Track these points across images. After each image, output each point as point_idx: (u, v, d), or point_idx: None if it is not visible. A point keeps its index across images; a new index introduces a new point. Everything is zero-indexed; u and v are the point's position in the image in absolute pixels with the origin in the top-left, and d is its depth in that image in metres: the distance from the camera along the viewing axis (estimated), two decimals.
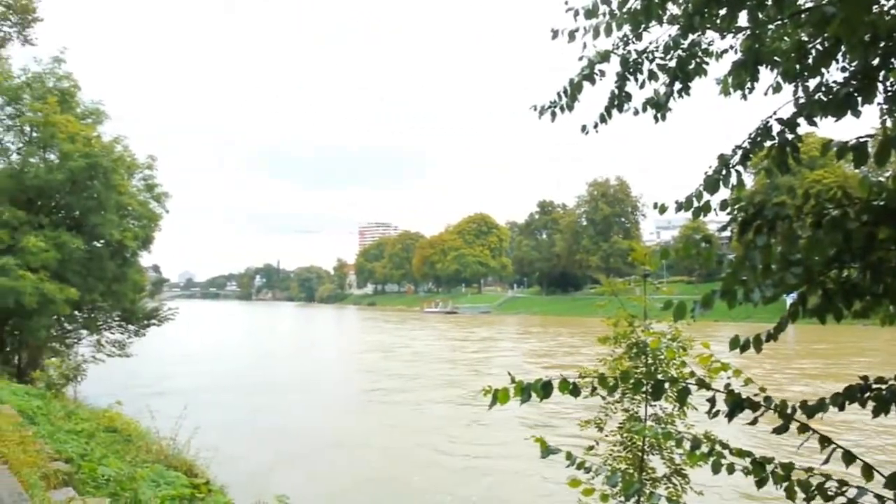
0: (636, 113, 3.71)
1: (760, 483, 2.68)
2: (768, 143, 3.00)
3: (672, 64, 3.50)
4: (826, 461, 2.64)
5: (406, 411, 23.60)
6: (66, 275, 20.48)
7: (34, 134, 21.56)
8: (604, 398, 5.65)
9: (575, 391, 2.88)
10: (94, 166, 20.87)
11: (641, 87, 3.61)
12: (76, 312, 23.95)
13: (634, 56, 3.56)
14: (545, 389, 2.76)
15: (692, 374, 3.32)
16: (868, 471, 2.59)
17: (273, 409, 24.02)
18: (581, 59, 3.59)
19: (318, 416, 23.16)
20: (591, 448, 5.89)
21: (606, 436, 6.26)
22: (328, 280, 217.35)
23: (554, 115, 3.72)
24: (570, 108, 3.69)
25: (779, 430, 2.70)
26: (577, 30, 3.47)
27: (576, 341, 48.91)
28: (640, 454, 5.97)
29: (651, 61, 3.54)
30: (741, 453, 2.82)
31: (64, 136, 20.57)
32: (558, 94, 3.67)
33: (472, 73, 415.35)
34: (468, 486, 14.43)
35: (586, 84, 3.61)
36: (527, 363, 36.50)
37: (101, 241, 22.45)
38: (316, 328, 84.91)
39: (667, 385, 3.40)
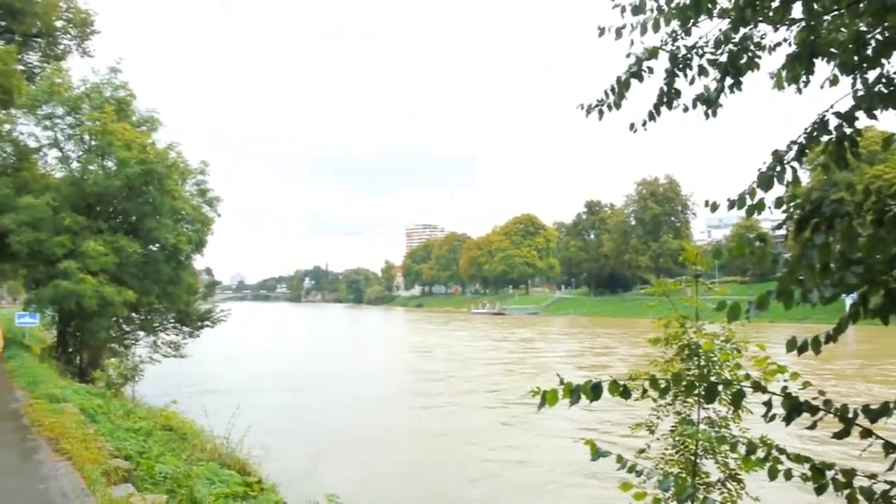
0: (686, 110, 3.63)
1: (820, 490, 2.59)
2: (825, 138, 2.91)
3: (723, 59, 3.42)
4: (890, 468, 2.53)
5: (440, 412, 24.09)
6: (123, 278, 21.11)
7: (93, 142, 22.29)
8: (655, 400, 5.55)
9: (625, 393, 2.84)
10: (150, 172, 21.45)
11: (691, 83, 3.53)
12: (133, 314, 24.71)
13: (683, 52, 3.49)
14: (595, 391, 2.73)
15: (747, 376, 3.23)
16: None
17: (317, 407, 24.58)
18: (628, 56, 3.53)
19: (359, 415, 23.64)
20: (642, 451, 5.80)
21: (658, 438, 6.15)
22: (376, 282, 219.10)
23: (601, 113, 3.67)
24: (618, 105, 3.64)
25: (839, 435, 2.61)
26: (623, 27, 3.42)
27: (612, 342, 48.79)
28: (692, 458, 5.85)
29: (701, 56, 3.46)
30: (799, 458, 2.73)
31: (120, 144, 21.21)
32: (605, 93, 3.63)
33: (519, 71, 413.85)
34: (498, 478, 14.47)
35: (634, 81, 3.55)
36: (560, 363, 36.49)
37: (157, 245, 23.08)
38: (362, 329, 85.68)
39: (720, 388, 3.32)
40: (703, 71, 3.48)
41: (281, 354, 45.87)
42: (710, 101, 3.52)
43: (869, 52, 2.87)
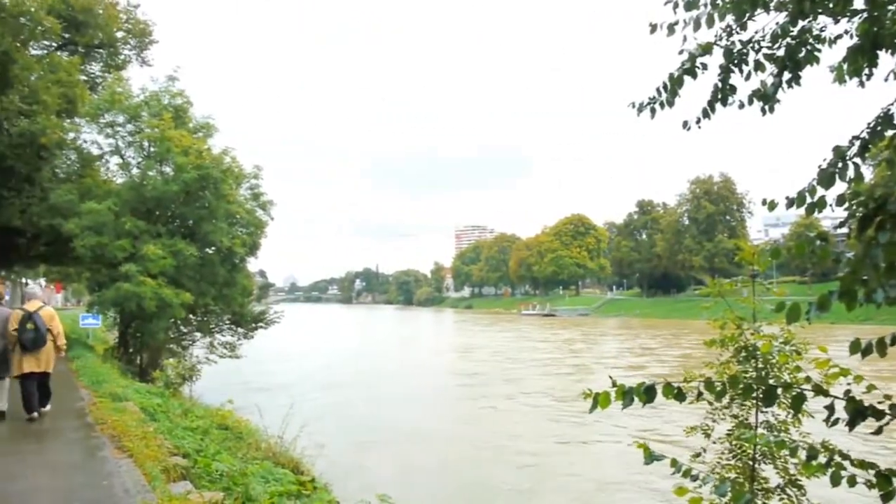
0: (741, 106, 3.55)
1: (886, 497, 2.50)
2: (889, 133, 2.80)
3: (780, 53, 3.32)
4: None
5: (489, 410, 24.40)
6: (181, 280, 21.62)
7: (152, 149, 22.96)
8: (710, 403, 5.43)
9: (679, 396, 2.79)
10: (206, 177, 21.92)
11: (747, 78, 3.45)
12: (191, 316, 25.32)
13: (739, 47, 3.41)
14: (648, 394, 2.69)
15: (808, 379, 3.13)
16: None
17: (368, 404, 25.16)
18: (681, 52, 3.47)
19: (409, 412, 24.12)
20: (697, 455, 5.68)
21: (714, 442, 6.02)
22: (425, 283, 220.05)
23: (653, 111, 3.62)
24: (671, 103, 3.57)
25: None
26: (676, 22, 3.36)
27: (654, 343, 48.24)
28: (750, 463, 5.70)
29: (757, 51, 3.38)
30: (864, 465, 2.63)
31: (178, 150, 21.76)
32: (657, 90, 3.57)
33: (574, 69, 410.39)
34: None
35: (687, 79, 3.49)
36: (611, 365, 36.06)
37: (213, 248, 23.55)
38: (411, 330, 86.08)
39: (779, 391, 3.23)
40: (759, 66, 3.39)
41: (332, 354, 46.55)
42: (766, 97, 3.43)
43: None
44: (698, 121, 3.64)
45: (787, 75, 3.35)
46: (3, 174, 21.82)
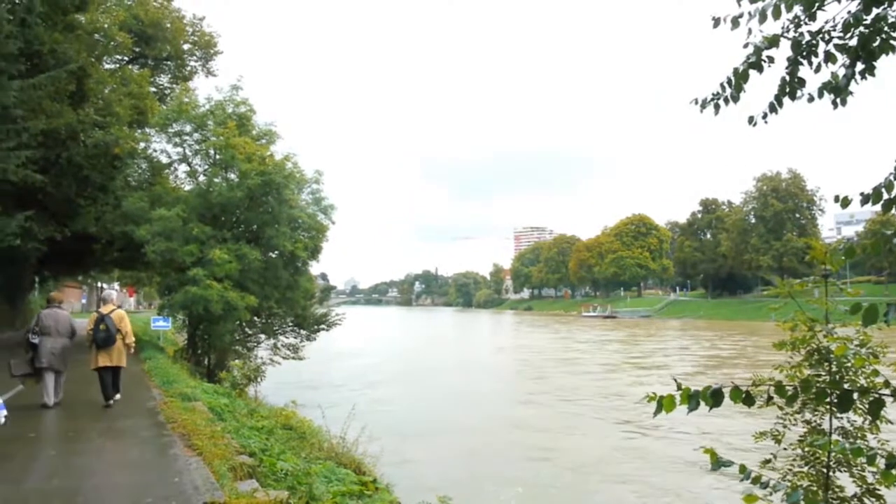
0: (811, 100, 3.41)
1: None
2: None
3: (853, 42, 3.17)
4: None
5: (548, 410, 24.40)
6: (246, 284, 22.13)
7: (217, 156, 23.62)
8: (781, 409, 5.24)
9: (748, 400, 2.70)
10: (269, 183, 22.40)
11: (817, 70, 3.31)
12: (255, 318, 25.92)
13: (808, 38, 3.27)
14: (715, 398, 2.62)
15: (886, 383, 2.99)
16: None
17: (428, 402, 25.76)
18: (746, 46, 3.35)
19: (467, 410, 24.33)
20: (767, 462, 5.49)
21: (784, 448, 5.80)
22: (485, 285, 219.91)
23: (717, 107, 3.51)
24: (735, 99, 3.47)
25: None
26: (741, 15, 3.26)
27: (723, 344, 46.80)
28: (824, 470, 5.47)
29: (827, 42, 3.23)
30: None
31: (242, 157, 22.33)
32: (721, 86, 3.46)
33: (630, 70, 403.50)
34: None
35: (753, 73, 3.37)
36: (678, 367, 35.35)
37: (276, 252, 24.06)
38: (471, 332, 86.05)
39: (856, 395, 3.09)
40: (830, 57, 3.25)
41: (392, 355, 47.03)
42: (838, 90, 3.29)
43: None
44: (765, 116, 3.52)
45: (860, 66, 3.21)
46: (79, 184, 22.84)
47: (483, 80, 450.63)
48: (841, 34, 3.18)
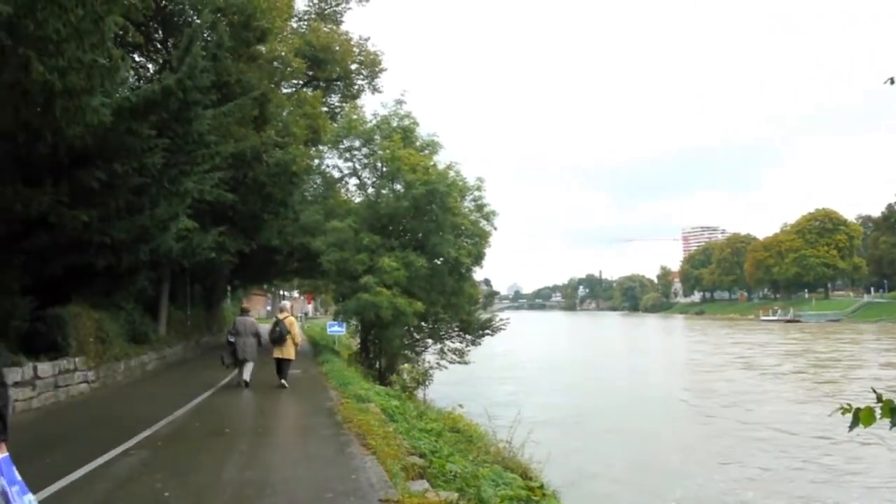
0: None
1: None
2: None
3: None
4: None
5: (722, 421, 22.78)
6: (413, 290, 22.89)
7: (384, 168, 24.74)
8: None
9: None
10: (433, 192, 23.07)
11: None
12: (422, 323, 26.76)
13: None
14: None
15: None
16: None
17: (596, 410, 25.25)
18: None
19: (636, 419, 23.83)
20: None
21: None
22: (651, 288, 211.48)
23: None
24: None
25: None
26: None
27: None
28: None
29: None
30: None
31: (407, 168, 23.19)
32: None
33: (794, 60, 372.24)
34: None
35: None
36: (856, 377, 31.53)
37: (440, 259, 24.68)
38: (639, 338, 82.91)
39: None
40: None
41: (557, 360, 46.49)
42: None
43: None
44: None
45: None
46: (263, 200, 24.89)
47: (645, 76, 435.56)
48: None
